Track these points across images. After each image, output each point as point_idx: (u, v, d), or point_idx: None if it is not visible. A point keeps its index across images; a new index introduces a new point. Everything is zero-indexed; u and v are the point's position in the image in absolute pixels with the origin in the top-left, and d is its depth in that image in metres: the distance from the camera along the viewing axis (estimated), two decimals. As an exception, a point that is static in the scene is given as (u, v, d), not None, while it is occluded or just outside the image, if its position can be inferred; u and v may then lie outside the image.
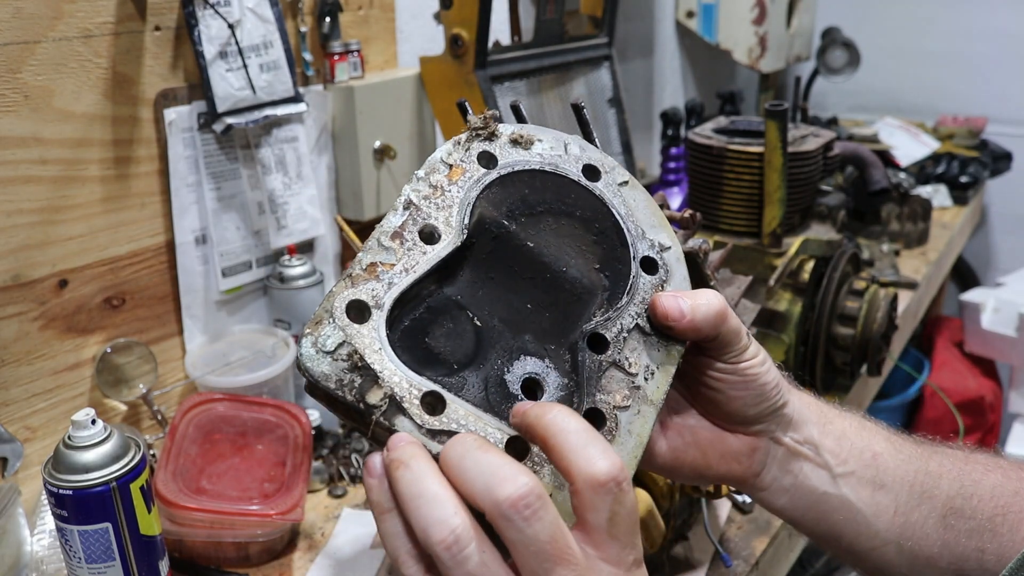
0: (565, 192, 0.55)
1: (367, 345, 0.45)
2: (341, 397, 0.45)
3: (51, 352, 0.99)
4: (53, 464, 0.71)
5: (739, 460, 0.57)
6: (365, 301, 0.47)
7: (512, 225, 0.52)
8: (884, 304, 1.18)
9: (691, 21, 2.15)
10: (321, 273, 1.17)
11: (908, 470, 0.59)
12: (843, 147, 1.44)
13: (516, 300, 0.51)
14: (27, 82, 0.92)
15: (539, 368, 0.49)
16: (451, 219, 0.51)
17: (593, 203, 0.55)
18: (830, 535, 0.59)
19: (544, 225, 0.53)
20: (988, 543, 0.57)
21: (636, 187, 0.57)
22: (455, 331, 0.49)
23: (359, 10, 1.29)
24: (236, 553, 0.91)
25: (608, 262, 0.54)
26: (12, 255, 0.93)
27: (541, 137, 0.56)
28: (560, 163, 0.55)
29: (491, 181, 0.53)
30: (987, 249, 2.67)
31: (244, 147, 1.15)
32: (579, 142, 0.57)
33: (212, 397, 0.99)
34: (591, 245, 0.54)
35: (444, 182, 0.52)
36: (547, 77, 1.40)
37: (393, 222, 0.50)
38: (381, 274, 0.48)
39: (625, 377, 0.50)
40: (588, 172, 0.56)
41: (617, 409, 0.49)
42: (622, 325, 0.51)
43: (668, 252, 0.55)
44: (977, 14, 2.51)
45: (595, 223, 0.54)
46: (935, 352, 2.34)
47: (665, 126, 1.86)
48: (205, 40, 1.05)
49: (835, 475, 0.58)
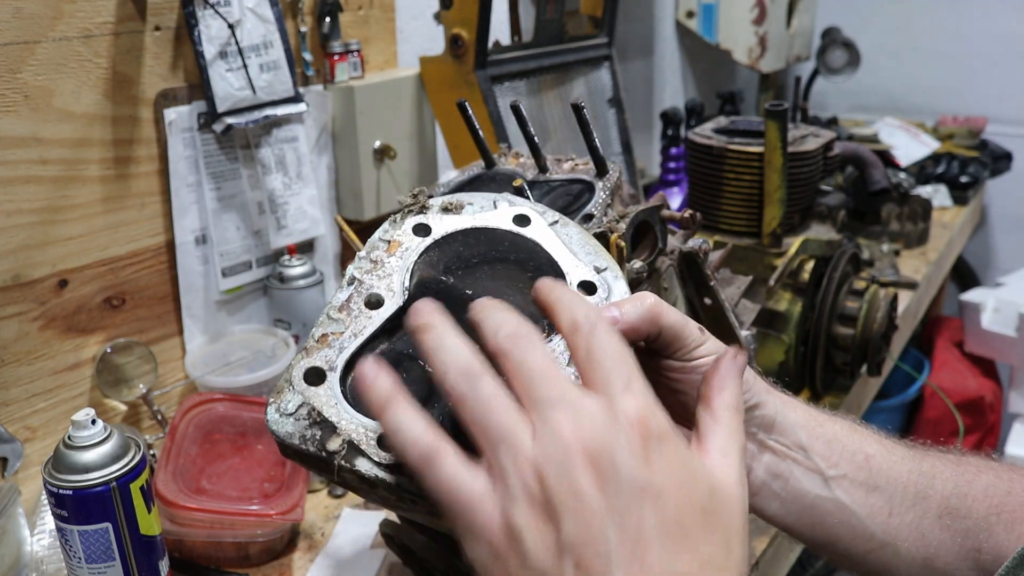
0: (497, 242, 0.59)
1: (324, 402, 0.50)
2: (305, 450, 0.49)
3: (51, 352, 0.99)
4: (53, 464, 0.71)
5: None
6: (319, 366, 0.51)
7: (450, 279, 0.56)
8: (884, 304, 1.18)
9: (691, 21, 2.15)
10: (321, 273, 1.17)
11: (902, 471, 0.59)
12: (843, 147, 1.44)
13: None
14: (27, 82, 0.92)
15: None
16: (393, 285, 0.55)
17: (526, 245, 0.59)
18: (826, 540, 0.59)
19: (480, 274, 0.57)
20: (984, 542, 0.58)
21: (567, 224, 0.61)
22: (408, 379, 0.51)
23: (359, 10, 1.29)
24: (236, 553, 0.91)
25: None
26: (12, 255, 0.93)
27: (471, 200, 0.61)
28: (490, 219, 0.60)
29: (427, 247, 0.58)
30: (987, 249, 2.67)
31: (244, 147, 1.15)
32: (507, 198, 0.62)
33: (212, 397, 0.99)
34: (528, 282, 0.56)
35: (384, 256, 0.57)
36: (547, 77, 1.40)
37: (340, 297, 0.55)
38: (332, 342, 0.52)
39: None
40: (518, 221, 0.60)
41: None
42: (561, 347, 0.52)
43: (605, 272, 0.58)
44: (977, 14, 2.51)
45: (530, 262, 0.58)
46: (935, 352, 2.34)
47: (665, 126, 1.86)
48: (205, 40, 1.05)
49: (827, 478, 0.58)
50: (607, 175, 0.78)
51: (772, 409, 0.57)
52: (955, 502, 0.58)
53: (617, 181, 0.78)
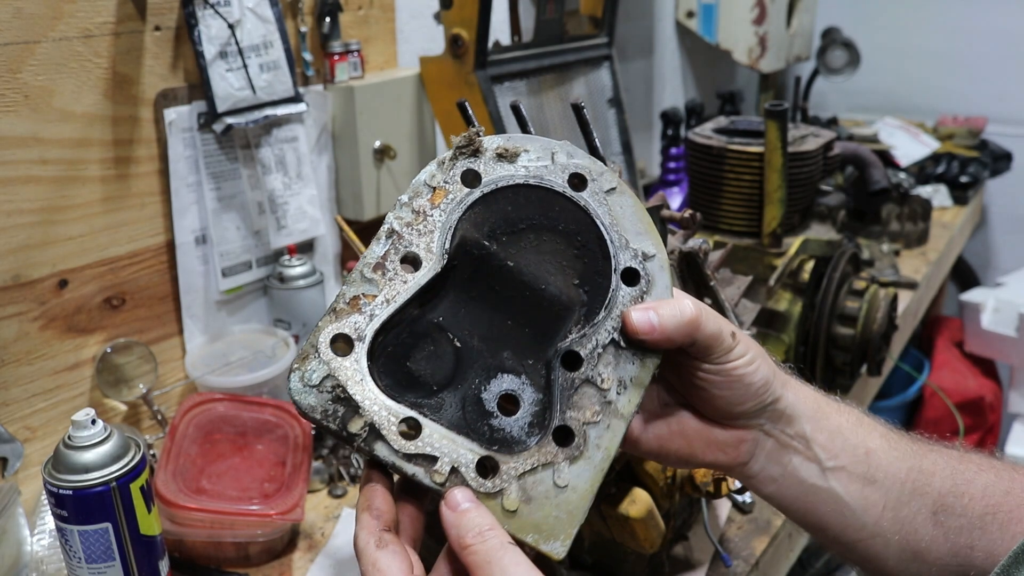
0: (549, 205, 0.55)
1: (349, 377, 0.49)
2: (326, 427, 0.48)
3: (51, 352, 0.99)
4: (53, 464, 0.71)
5: (724, 450, 0.58)
6: (348, 334, 0.50)
7: (493, 245, 0.54)
8: (884, 304, 1.18)
9: (691, 21, 2.15)
10: (321, 273, 1.17)
11: (901, 467, 0.59)
12: (843, 147, 1.44)
13: (496, 318, 0.53)
14: (27, 82, 0.92)
15: (515, 385, 0.51)
16: (432, 244, 0.52)
17: (577, 215, 0.55)
18: (817, 525, 0.60)
19: (525, 243, 0.54)
20: (978, 540, 0.58)
21: (624, 192, 0.56)
22: (435, 353, 0.51)
23: (359, 10, 1.29)
24: (236, 553, 0.91)
25: (589, 276, 0.54)
26: (12, 255, 0.93)
27: (528, 147, 0.56)
28: (545, 174, 0.55)
29: (473, 201, 0.54)
30: (987, 249, 2.67)
31: (244, 147, 1.15)
32: (567, 149, 0.57)
33: (212, 397, 0.99)
34: (572, 260, 0.54)
35: (427, 206, 0.53)
36: (547, 77, 1.40)
37: (376, 252, 0.52)
38: (363, 306, 0.50)
39: (597, 393, 0.51)
40: (574, 181, 0.56)
41: (587, 425, 0.51)
42: (597, 341, 0.52)
43: (651, 261, 0.55)
44: (977, 14, 2.51)
45: (578, 236, 0.55)
46: (935, 352, 2.34)
47: (665, 126, 1.86)
48: (205, 40, 1.05)
49: (825, 469, 0.59)
50: (607, 175, 0.77)
51: (784, 404, 0.58)
52: (951, 500, 0.59)
53: (617, 181, 0.77)
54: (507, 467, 0.48)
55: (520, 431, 0.50)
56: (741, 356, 0.55)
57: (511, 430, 0.50)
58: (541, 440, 0.49)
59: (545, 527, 0.48)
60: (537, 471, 0.49)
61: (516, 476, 0.48)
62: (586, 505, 0.49)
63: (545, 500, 0.48)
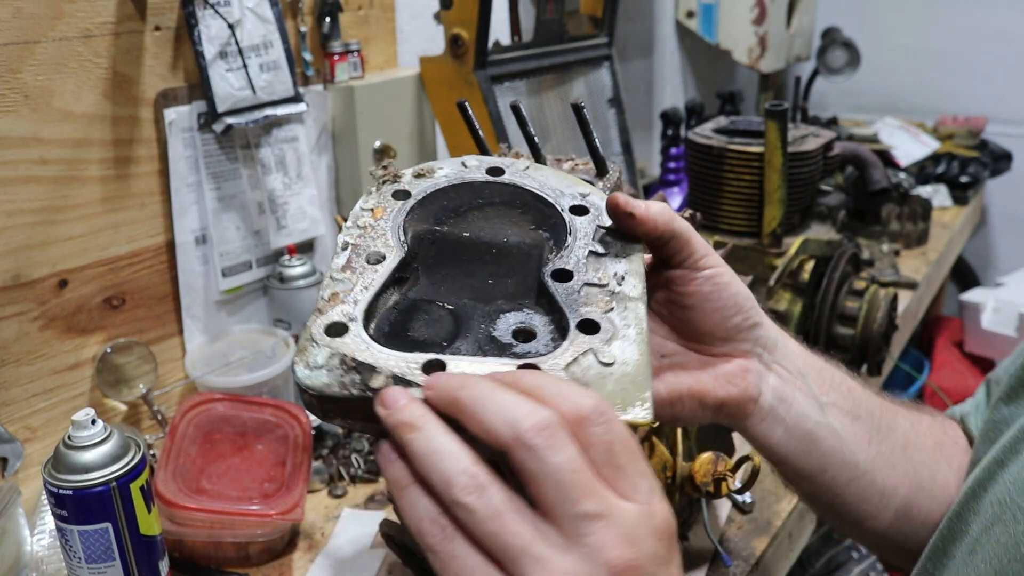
0: (478, 191, 0.60)
1: (354, 349, 0.47)
2: (348, 396, 0.46)
3: (51, 352, 0.99)
4: (53, 464, 0.71)
5: (733, 381, 0.57)
6: (339, 320, 0.49)
7: (444, 227, 0.57)
8: (884, 304, 1.18)
9: (691, 21, 2.15)
10: (321, 273, 1.17)
11: (875, 404, 0.63)
12: (843, 147, 1.44)
13: (476, 281, 0.54)
14: (27, 82, 0.92)
15: (522, 317, 0.51)
16: (389, 241, 0.55)
17: (507, 189, 0.60)
18: (816, 467, 0.60)
19: (472, 218, 0.58)
20: (936, 471, 0.64)
21: (539, 168, 0.62)
22: (432, 319, 0.51)
23: (359, 10, 1.29)
24: (236, 553, 0.91)
25: (541, 221, 0.58)
26: (12, 255, 0.93)
27: (441, 165, 0.62)
28: (465, 175, 0.61)
29: (411, 206, 0.58)
30: (987, 249, 2.67)
31: (244, 147, 1.15)
32: (475, 157, 0.63)
33: (212, 397, 0.99)
34: (520, 216, 0.58)
35: (370, 221, 0.57)
36: (547, 77, 1.40)
37: (339, 262, 0.54)
38: (344, 298, 0.51)
39: (600, 289, 0.53)
40: (493, 172, 0.61)
41: (606, 313, 0.51)
42: (577, 256, 0.55)
43: (590, 196, 0.59)
44: (977, 14, 2.51)
45: (516, 201, 0.59)
46: (935, 352, 2.34)
47: (665, 126, 1.86)
48: (205, 40, 1.05)
49: (822, 404, 0.60)
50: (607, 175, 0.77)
51: (772, 331, 0.59)
52: (912, 436, 0.64)
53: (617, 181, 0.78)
54: (548, 366, 0.47)
55: (546, 347, 0.49)
56: (719, 264, 0.57)
57: (537, 349, 0.49)
58: (569, 337, 0.49)
59: (617, 399, 0.46)
60: (579, 360, 0.47)
61: (561, 369, 0.47)
62: (647, 371, 0.48)
63: (601, 380, 0.47)
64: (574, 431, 0.39)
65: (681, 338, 0.59)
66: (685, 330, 0.59)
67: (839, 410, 0.60)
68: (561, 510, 0.38)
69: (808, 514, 1.08)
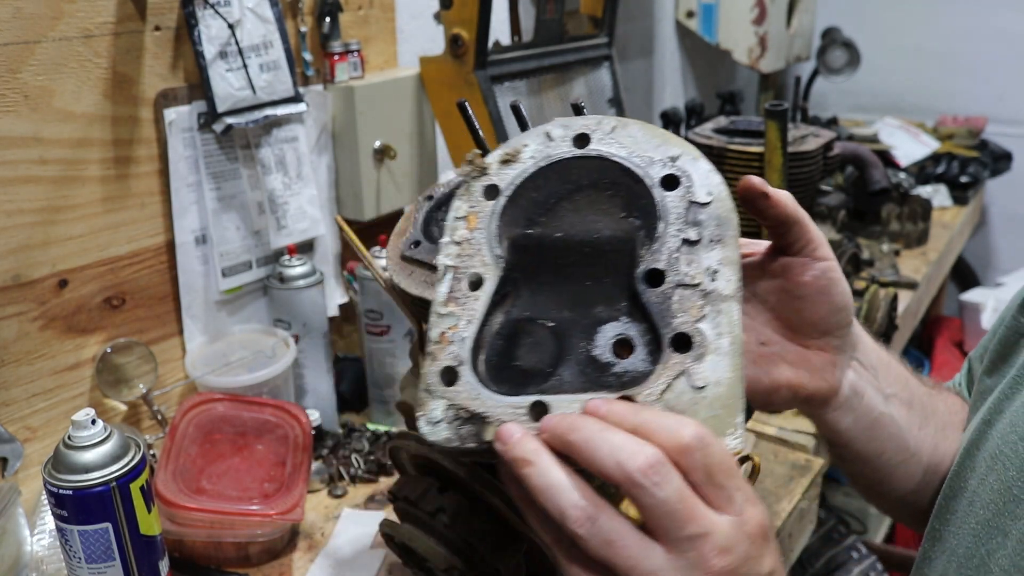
0: (565, 172, 0.58)
1: (466, 398, 0.50)
2: (467, 449, 0.49)
3: (51, 352, 0.99)
4: (53, 464, 0.71)
5: (824, 376, 0.61)
6: (450, 365, 0.52)
7: (537, 229, 0.56)
8: (884, 304, 1.18)
9: (691, 21, 2.15)
10: (321, 273, 1.17)
11: (922, 391, 0.69)
12: (843, 147, 1.44)
13: (573, 285, 0.54)
14: (27, 82, 0.92)
15: (619, 328, 0.51)
16: (486, 258, 0.55)
17: (594, 164, 0.58)
18: (876, 451, 0.66)
19: (563, 211, 0.57)
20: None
21: (627, 124, 0.59)
22: (534, 342, 0.52)
23: (359, 10, 1.29)
24: (236, 553, 0.91)
25: (632, 204, 0.56)
26: (12, 255, 0.93)
27: (525, 142, 0.60)
28: (551, 151, 0.59)
29: (503, 207, 0.57)
30: (987, 249, 2.67)
31: (244, 147, 1.15)
32: (559, 123, 0.60)
33: (212, 397, 0.99)
34: (610, 201, 0.56)
35: (466, 234, 0.57)
36: (547, 77, 1.40)
37: (443, 291, 0.55)
38: (452, 336, 0.53)
39: (692, 291, 0.52)
40: (578, 141, 0.59)
41: (698, 322, 0.50)
42: (668, 249, 0.53)
43: (680, 159, 0.56)
44: (977, 14, 2.51)
45: (604, 179, 0.57)
46: (935, 352, 2.34)
47: (665, 126, 1.86)
48: (205, 40, 1.05)
49: (886, 396, 0.65)
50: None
51: (856, 328, 0.63)
52: (947, 417, 0.70)
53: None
54: (642, 396, 0.48)
55: (645, 364, 0.50)
56: (832, 258, 0.59)
57: (636, 367, 0.50)
58: (663, 358, 0.49)
59: (709, 426, 0.47)
60: (672, 386, 0.48)
61: (656, 399, 0.48)
62: (738, 390, 0.48)
63: (694, 406, 0.48)
64: (676, 459, 0.44)
65: (782, 326, 0.61)
66: (790, 319, 0.61)
67: (899, 400, 0.66)
68: (669, 536, 0.44)
69: (808, 514, 1.08)
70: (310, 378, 1.16)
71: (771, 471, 1.08)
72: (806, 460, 1.10)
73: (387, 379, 1.17)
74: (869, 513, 2.07)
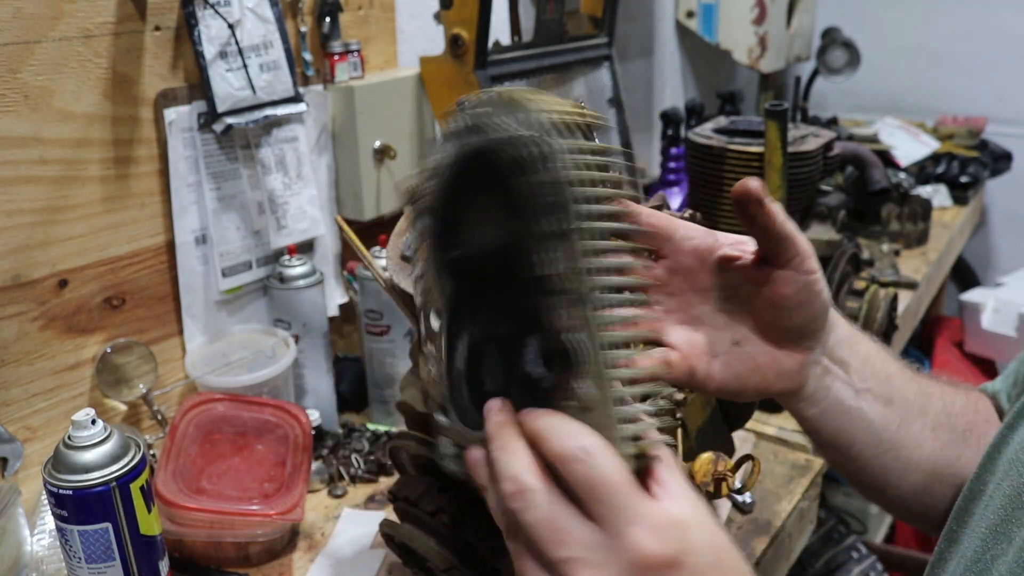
0: (461, 182, 0.53)
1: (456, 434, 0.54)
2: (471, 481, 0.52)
3: (51, 352, 0.99)
4: (53, 464, 0.71)
5: (792, 378, 0.62)
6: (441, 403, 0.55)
7: (456, 251, 0.53)
8: (884, 304, 1.18)
9: (691, 21, 2.15)
10: (321, 273, 1.17)
11: (911, 390, 0.68)
12: (843, 147, 1.44)
13: (500, 300, 0.52)
14: (27, 82, 0.92)
15: (537, 342, 0.49)
16: (436, 291, 0.55)
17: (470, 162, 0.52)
18: (845, 443, 0.67)
19: (469, 225, 0.52)
20: (963, 451, 0.69)
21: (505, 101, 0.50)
22: (490, 366, 0.52)
23: (359, 10, 1.29)
24: (236, 553, 0.91)
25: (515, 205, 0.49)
26: (12, 255, 0.93)
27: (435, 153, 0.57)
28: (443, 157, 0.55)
29: (433, 231, 0.54)
30: (987, 249, 2.67)
31: (244, 147, 1.15)
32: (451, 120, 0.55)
33: (212, 397, 0.99)
34: (498, 207, 0.51)
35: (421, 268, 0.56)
36: (547, 77, 1.40)
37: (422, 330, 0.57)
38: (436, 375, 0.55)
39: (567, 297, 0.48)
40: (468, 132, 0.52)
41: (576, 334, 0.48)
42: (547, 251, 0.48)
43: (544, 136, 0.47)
44: (977, 14, 2.51)
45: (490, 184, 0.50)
46: (935, 352, 2.34)
47: (665, 126, 1.86)
48: (205, 40, 1.05)
49: (856, 391, 0.65)
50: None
51: (831, 325, 0.64)
52: (943, 418, 0.70)
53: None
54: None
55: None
56: (816, 271, 0.60)
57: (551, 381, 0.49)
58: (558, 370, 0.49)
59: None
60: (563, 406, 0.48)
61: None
62: (608, 410, 0.47)
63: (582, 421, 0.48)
64: (561, 469, 0.46)
65: (757, 327, 0.62)
66: (766, 324, 0.61)
67: (873, 396, 0.66)
68: (541, 559, 0.46)
69: (808, 514, 1.08)
70: (310, 378, 1.16)
71: (771, 471, 1.08)
72: (806, 460, 1.10)
73: (387, 379, 1.18)
74: (869, 513, 2.07)
